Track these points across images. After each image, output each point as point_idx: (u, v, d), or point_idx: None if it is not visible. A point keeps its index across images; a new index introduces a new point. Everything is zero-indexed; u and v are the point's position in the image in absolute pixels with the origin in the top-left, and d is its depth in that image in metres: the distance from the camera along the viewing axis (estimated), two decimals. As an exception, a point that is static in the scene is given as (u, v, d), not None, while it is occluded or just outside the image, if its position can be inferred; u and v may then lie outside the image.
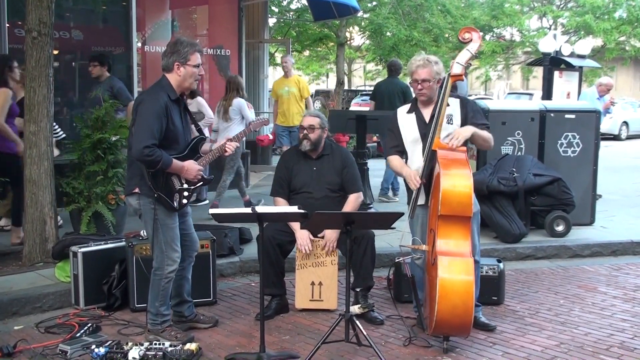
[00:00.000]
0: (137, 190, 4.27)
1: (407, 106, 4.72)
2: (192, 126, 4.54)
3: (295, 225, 5.00)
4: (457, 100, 4.58)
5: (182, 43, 4.22)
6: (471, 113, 4.55)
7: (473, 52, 4.41)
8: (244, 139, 8.43)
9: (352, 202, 5.13)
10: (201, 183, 4.36)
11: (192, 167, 4.25)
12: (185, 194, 4.28)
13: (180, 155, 4.25)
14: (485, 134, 4.49)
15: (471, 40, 4.41)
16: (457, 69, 4.39)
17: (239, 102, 7.96)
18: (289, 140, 9.63)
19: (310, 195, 5.11)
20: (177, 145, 4.25)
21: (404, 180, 4.62)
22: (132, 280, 4.95)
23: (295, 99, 9.62)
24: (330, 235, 4.97)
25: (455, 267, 4.12)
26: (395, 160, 4.68)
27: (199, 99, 8.07)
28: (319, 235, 5.03)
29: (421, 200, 4.51)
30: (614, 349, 4.39)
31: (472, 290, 4.09)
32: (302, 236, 4.98)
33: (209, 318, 4.76)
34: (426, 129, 4.50)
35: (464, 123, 4.49)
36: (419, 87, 4.51)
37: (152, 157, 4.01)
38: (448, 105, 4.41)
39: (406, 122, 4.64)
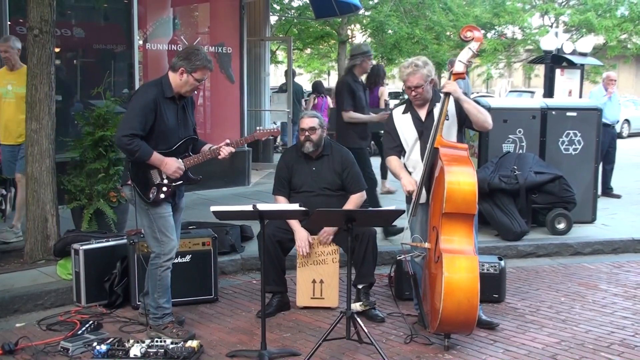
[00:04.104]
0: (130, 182, 4.35)
1: (402, 107, 4.75)
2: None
3: (296, 226, 5.00)
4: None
5: (198, 56, 4.28)
6: None
7: (475, 50, 4.47)
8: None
9: (354, 201, 5.12)
10: (181, 182, 4.39)
11: (172, 163, 4.30)
12: (164, 189, 4.33)
13: (167, 151, 4.31)
14: (478, 105, 4.49)
15: (473, 38, 4.46)
16: (459, 67, 4.45)
17: None
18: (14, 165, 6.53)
19: (310, 194, 5.10)
20: (167, 142, 4.31)
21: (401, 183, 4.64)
22: (134, 277, 4.96)
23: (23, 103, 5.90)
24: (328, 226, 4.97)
25: (460, 264, 4.13)
26: (394, 161, 4.70)
27: None
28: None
29: (422, 199, 4.52)
30: (615, 347, 4.39)
31: (476, 287, 4.11)
32: (302, 237, 4.98)
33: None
34: (423, 127, 4.55)
35: (459, 116, 4.53)
36: (413, 93, 4.54)
37: (130, 146, 4.14)
38: (448, 102, 4.42)
39: (403, 122, 4.66)
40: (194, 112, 4.63)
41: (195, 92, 4.47)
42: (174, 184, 4.36)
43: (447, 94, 4.38)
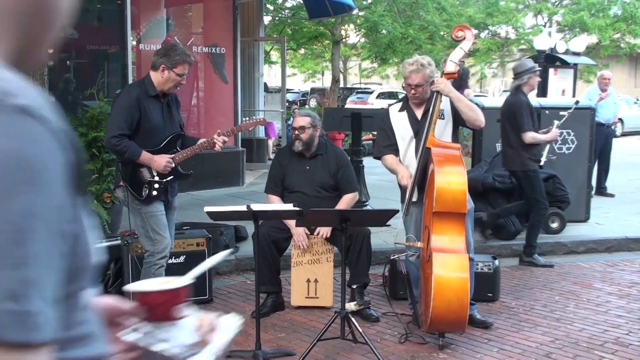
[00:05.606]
0: (122, 183, 4.38)
1: (399, 105, 4.74)
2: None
3: (291, 222, 5.00)
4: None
5: (176, 50, 4.34)
6: None
7: (466, 50, 4.48)
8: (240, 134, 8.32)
9: (346, 201, 5.12)
10: (172, 177, 4.41)
11: (160, 159, 4.33)
12: (156, 186, 4.36)
13: (155, 149, 4.34)
14: (470, 102, 4.51)
15: (464, 38, 4.47)
16: (450, 67, 4.45)
17: None
18: None
19: (304, 194, 5.10)
20: (154, 140, 4.35)
21: (397, 178, 4.64)
22: (128, 278, 4.93)
23: None
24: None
25: (450, 263, 4.14)
26: (390, 158, 4.68)
27: None
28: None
29: (414, 197, 4.53)
30: (609, 345, 4.41)
31: (467, 286, 4.11)
32: (299, 233, 4.98)
33: None
34: (419, 126, 4.54)
35: (454, 116, 4.52)
36: (412, 91, 4.53)
37: (119, 147, 4.19)
38: (441, 101, 4.43)
39: (399, 120, 4.66)
40: (179, 109, 4.66)
41: (178, 88, 4.48)
42: (164, 180, 4.38)
43: (438, 93, 4.38)
